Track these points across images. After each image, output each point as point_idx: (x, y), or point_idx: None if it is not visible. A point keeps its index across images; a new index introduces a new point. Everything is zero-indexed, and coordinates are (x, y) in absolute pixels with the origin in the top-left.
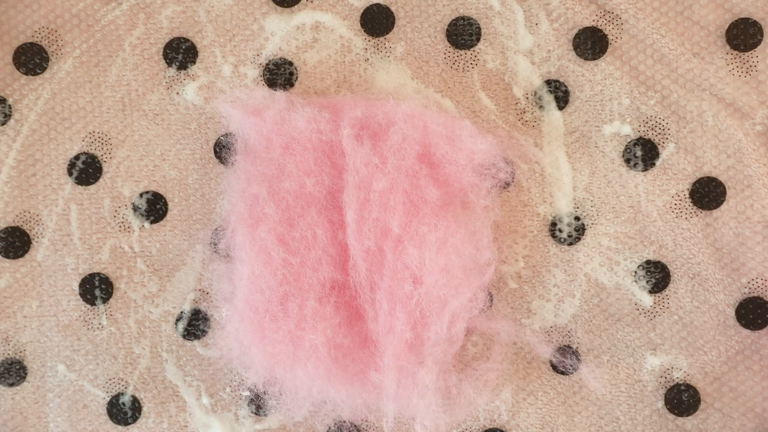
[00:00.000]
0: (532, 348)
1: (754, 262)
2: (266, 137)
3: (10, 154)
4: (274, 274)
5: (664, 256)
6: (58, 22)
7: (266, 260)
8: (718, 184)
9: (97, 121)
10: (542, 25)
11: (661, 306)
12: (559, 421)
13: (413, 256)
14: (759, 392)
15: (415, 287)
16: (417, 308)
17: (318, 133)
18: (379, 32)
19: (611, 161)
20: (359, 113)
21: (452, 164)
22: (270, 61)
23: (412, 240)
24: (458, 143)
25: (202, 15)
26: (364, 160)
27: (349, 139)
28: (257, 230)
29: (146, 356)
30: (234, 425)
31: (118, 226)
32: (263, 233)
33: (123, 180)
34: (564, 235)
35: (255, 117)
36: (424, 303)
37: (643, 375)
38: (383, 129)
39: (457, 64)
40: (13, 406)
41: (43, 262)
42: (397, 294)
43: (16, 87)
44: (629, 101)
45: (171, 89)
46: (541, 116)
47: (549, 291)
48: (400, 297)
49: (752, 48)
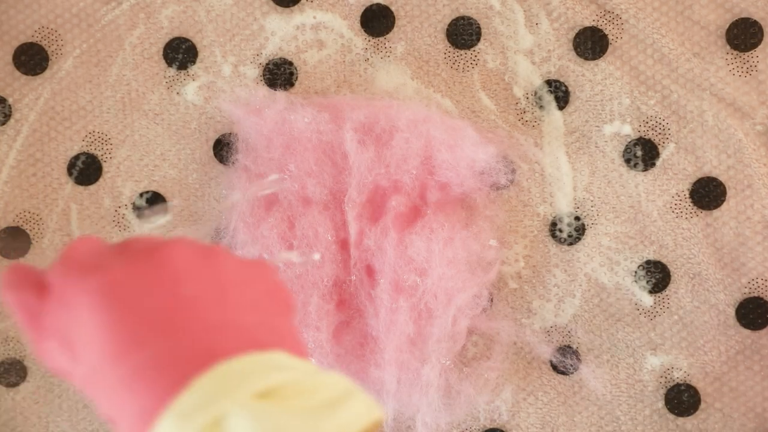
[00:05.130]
0: (532, 348)
1: (754, 262)
2: (267, 137)
3: (10, 154)
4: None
5: (664, 256)
6: (58, 22)
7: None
8: (719, 184)
9: (97, 120)
10: (542, 25)
11: (662, 306)
12: (560, 421)
13: (420, 248)
14: (759, 392)
15: (422, 279)
16: (422, 300)
17: (318, 133)
18: (379, 32)
19: (611, 161)
20: (362, 117)
21: (454, 170)
22: (270, 61)
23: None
24: (460, 151)
25: (202, 15)
26: (368, 163)
27: (352, 143)
28: (259, 229)
29: None
30: None
31: (118, 226)
32: (265, 231)
33: (123, 180)
34: (564, 235)
35: (255, 117)
36: (429, 295)
37: (644, 375)
38: (387, 133)
39: (457, 64)
40: (13, 406)
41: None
42: (401, 287)
43: (16, 87)
44: (629, 101)
45: (171, 89)
46: (542, 116)
47: (549, 291)
48: (404, 289)
49: (752, 48)
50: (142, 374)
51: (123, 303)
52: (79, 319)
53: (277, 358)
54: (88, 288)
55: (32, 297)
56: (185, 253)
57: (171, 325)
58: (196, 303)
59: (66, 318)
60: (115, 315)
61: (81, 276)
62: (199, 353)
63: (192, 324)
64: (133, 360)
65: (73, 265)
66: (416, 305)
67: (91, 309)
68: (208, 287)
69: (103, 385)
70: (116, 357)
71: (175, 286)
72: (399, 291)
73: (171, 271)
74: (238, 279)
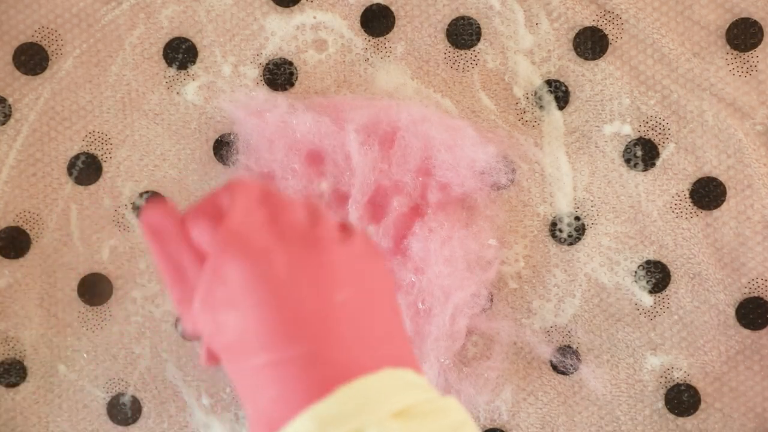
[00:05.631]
0: (532, 348)
1: (754, 262)
2: (268, 139)
3: (10, 154)
4: None
5: (664, 256)
6: (58, 22)
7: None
8: (719, 184)
9: (97, 120)
10: (542, 25)
11: (662, 306)
12: (560, 421)
13: (417, 248)
14: (759, 392)
15: (418, 277)
16: (419, 298)
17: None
18: (379, 32)
19: (611, 161)
20: (365, 119)
21: (454, 170)
22: (270, 61)
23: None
24: (460, 151)
25: (202, 15)
26: (370, 165)
27: (355, 144)
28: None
29: (146, 356)
30: (234, 425)
31: (118, 226)
32: None
33: (123, 180)
34: (564, 235)
35: (256, 119)
36: (426, 293)
37: (644, 375)
38: (388, 135)
39: (457, 64)
40: (13, 406)
41: (43, 262)
42: (398, 285)
43: (16, 87)
44: (629, 101)
45: (171, 89)
46: (542, 116)
47: (549, 291)
48: (401, 287)
49: (752, 48)
50: (287, 368)
51: (281, 294)
52: (232, 295)
53: (409, 376)
54: (249, 272)
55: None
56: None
57: (323, 328)
58: (347, 310)
59: (218, 290)
60: (272, 304)
61: (242, 256)
62: (346, 362)
63: (341, 331)
64: (281, 352)
65: (233, 241)
66: (413, 303)
67: (248, 292)
68: (357, 296)
69: (244, 364)
70: (266, 344)
71: (332, 291)
72: (396, 289)
73: (330, 273)
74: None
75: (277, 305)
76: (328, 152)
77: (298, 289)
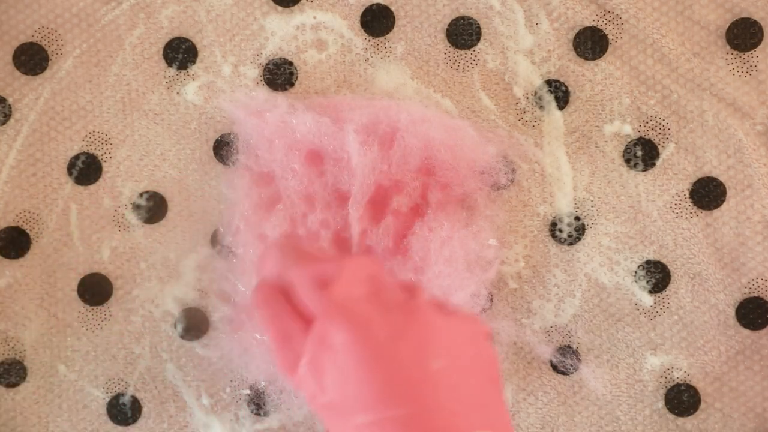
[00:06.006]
0: (532, 348)
1: (754, 262)
2: (268, 139)
3: (10, 154)
4: None
5: (664, 256)
6: (58, 22)
7: None
8: (719, 184)
9: (97, 120)
10: (542, 25)
11: (662, 306)
12: (560, 421)
13: (417, 248)
14: (759, 392)
15: (418, 276)
16: None
17: (319, 135)
18: (379, 32)
19: (611, 161)
20: (365, 119)
21: (454, 170)
22: (270, 61)
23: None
24: (460, 152)
25: (202, 15)
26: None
27: (355, 144)
28: (261, 228)
29: (146, 356)
30: (234, 425)
31: (118, 226)
32: (268, 231)
33: (123, 180)
34: (564, 235)
35: (256, 119)
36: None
37: (643, 375)
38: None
39: (457, 64)
40: (13, 406)
41: (43, 262)
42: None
43: (16, 87)
44: (629, 101)
45: (171, 89)
46: (542, 116)
47: (549, 291)
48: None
49: (752, 48)
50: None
51: (383, 358)
52: (337, 358)
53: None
54: (353, 337)
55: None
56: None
57: (421, 393)
58: (444, 377)
59: (323, 353)
60: (374, 367)
61: (347, 322)
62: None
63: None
64: (382, 413)
65: (339, 309)
66: None
67: (351, 355)
68: (454, 363)
69: (346, 423)
70: (367, 405)
71: (430, 358)
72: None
73: (427, 342)
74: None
75: (379, 368)
76: (328, 152)
77: (398, 354)
